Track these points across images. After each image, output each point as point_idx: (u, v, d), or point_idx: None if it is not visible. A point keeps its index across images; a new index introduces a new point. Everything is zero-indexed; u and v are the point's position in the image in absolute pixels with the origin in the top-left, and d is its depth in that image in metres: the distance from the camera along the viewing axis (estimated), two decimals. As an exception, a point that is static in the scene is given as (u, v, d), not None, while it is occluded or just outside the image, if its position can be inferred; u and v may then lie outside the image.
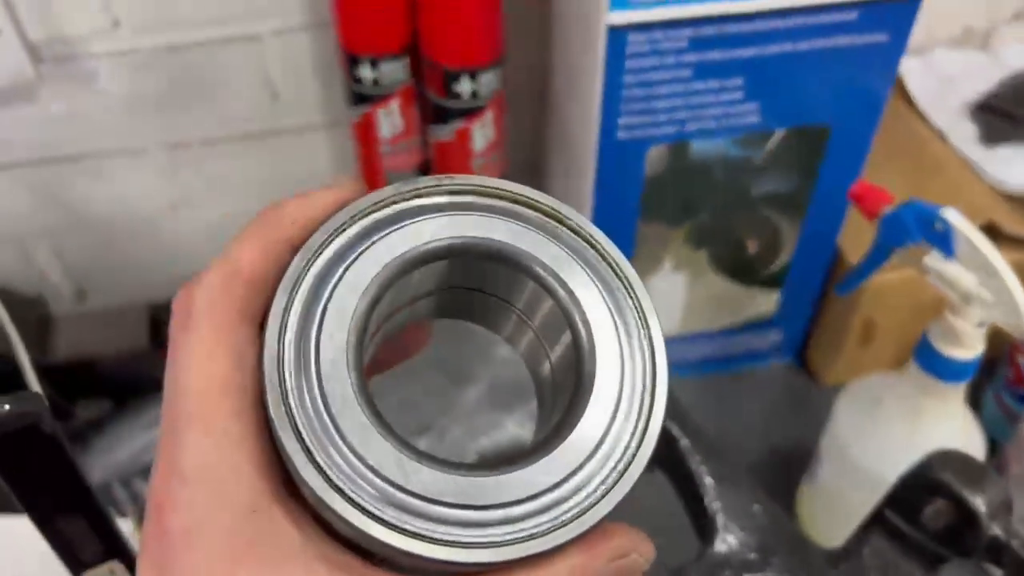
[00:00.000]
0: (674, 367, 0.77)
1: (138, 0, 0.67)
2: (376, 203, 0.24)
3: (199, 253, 0.84)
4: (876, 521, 0.48)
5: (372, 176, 0.74)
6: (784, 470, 0.73)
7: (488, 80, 0.66)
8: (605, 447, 0.23)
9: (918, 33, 0.56)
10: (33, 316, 0.76)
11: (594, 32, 0.53)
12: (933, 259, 0.50)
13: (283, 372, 0.22)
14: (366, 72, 0.66)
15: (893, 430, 0.57)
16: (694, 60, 0.54)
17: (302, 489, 0.21)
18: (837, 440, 0.61)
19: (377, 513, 0.21)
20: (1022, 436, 0.59)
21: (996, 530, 0.43)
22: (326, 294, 0.23)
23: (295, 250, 0.23)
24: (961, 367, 0.52)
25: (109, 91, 0.71)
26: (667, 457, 0.54)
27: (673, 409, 0.54)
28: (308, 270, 0.23)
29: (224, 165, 0.78)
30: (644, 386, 0.24)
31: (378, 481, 0.21)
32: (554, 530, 0.22)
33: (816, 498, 0.66)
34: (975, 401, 0.75)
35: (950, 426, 0.56)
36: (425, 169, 0.75)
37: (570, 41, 0.61)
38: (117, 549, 0.39)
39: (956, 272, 0.49)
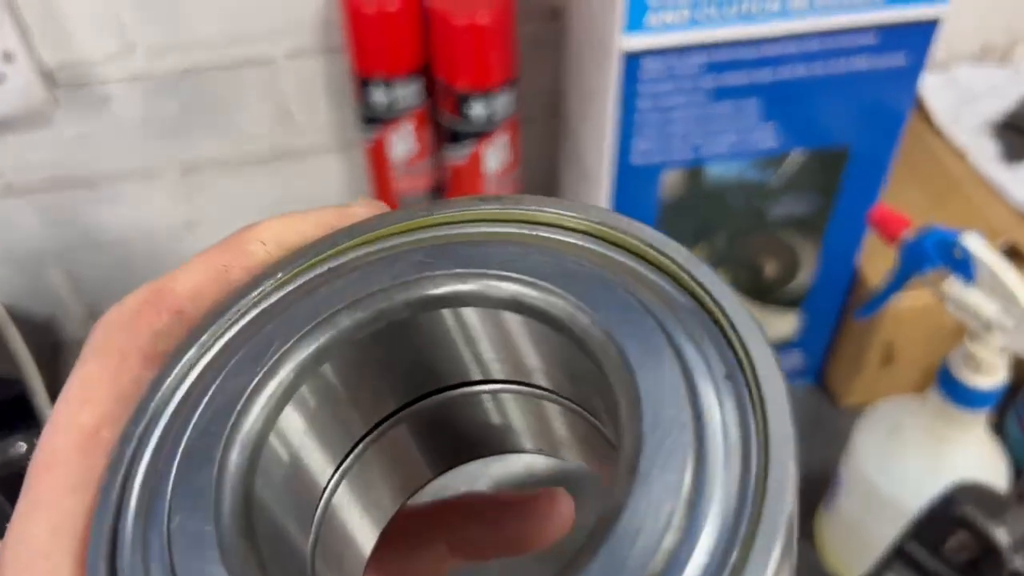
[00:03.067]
0: None
1: (153, 24, 0.67)
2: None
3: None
4: (898, 553, 0.47)
5: (386, 198, 0.74)
6: (804, 493, 0.71)
7: (502, 103, 0.66)
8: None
9: (937, 50, 0.55)
10: (45, 340, 0.76)
11: (608, 57, 0.52)
12: (953, 285, 0.49)
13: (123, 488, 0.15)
14: (379, 95, 0.66)
15: (914, 458, 0.56)
16: (709, 84, 0.54)
17: None
18: (857, 467, 0.60)
19: None
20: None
21: (1019, 563, 0.42)
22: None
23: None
24: (983, 395, 0.51)
25: (123, 115, 0.71)
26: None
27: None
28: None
29: (237, 187, 0.78)
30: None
31: None
32: None
33: (836, 525, 0.65)
34: (998, 424, 0.74)
35: (973, 454, 0.55)
36: (439, 192, 0.75)
37: (584, 65, 0.61)
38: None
39: (976, 299, 0.48)
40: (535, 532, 0.20)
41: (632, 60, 0.52)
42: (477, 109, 0.65)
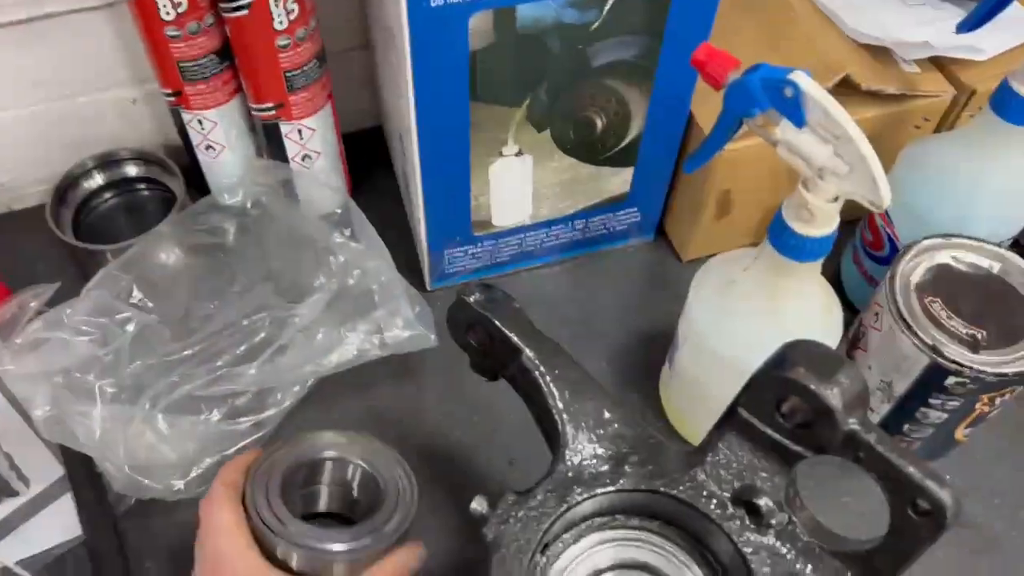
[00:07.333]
0: (529, 256, 0.71)
1: None
2: None
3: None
4: (730, 418, 0.45)
5: (165, 67, 0.64)
6: (650, 351, 0.69)
7: (280, -58, 0.56)
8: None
9: None
10: None
11: None
12: (785, 130, 0.45)
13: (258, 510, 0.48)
14: (130, -62, 0.55)
15: (747, 314, 0.53)
16: (508, -93, 0.46)
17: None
18: (692, 325, 0.57)
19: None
20: (879, 301, 0.57)
21: (852, 425, 0.40)
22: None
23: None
24: (816, 245, 0.48)
25: None
26: (514, 369, 0.49)
27: (515, 318, 0.49)
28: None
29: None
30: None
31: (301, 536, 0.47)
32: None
33: (677, 384, 0.63)
34: (834, 265, 0.73)
35: (807, 307, 0.52)
36: (225, 55, 0.64)
37: None
38: None
39: (808, 144, 0.44)
40: None
41: None
42: (251, -49, 0.55)
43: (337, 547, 0.47)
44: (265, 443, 0.56)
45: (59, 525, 0.59)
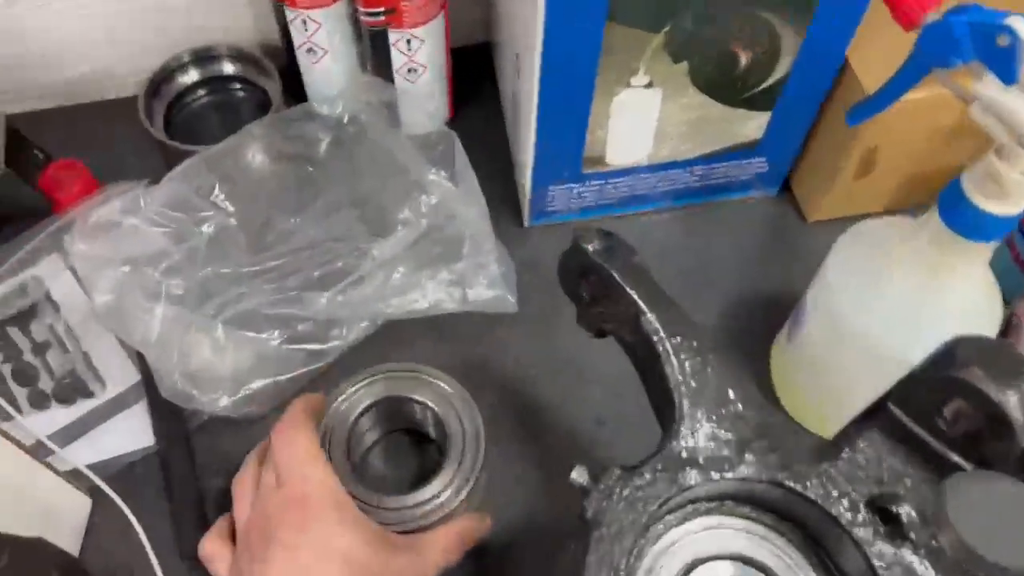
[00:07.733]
0: (638, 201, 0.64)
1: None
2: None
3: (64, 59, 0.69)
4: (878, 414, 0.39)
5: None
6: (766, 315, 0.64)
7: None
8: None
9: None
10: None
11: None
12: (988, 86, 0.38)
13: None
14: None
15: (900, 291, 0.47)
16: None
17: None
18: (829, 295, 0.51)
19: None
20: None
21: (1034, 441, 0.34)
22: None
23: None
24: (998, 224, 0.41)
25: None
26: (627, 330, 0.44)
27: (637, 274, 0.43)
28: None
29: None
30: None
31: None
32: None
33: (795, 357, 0.57)
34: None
35: (971, 293, 0.46)
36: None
37: None
38: None
39: (1015, 104, 0.37)
40: None
41: None
42: None
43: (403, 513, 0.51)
44: (329, 389, 0.55)
45: (132, 431, 0.58)
